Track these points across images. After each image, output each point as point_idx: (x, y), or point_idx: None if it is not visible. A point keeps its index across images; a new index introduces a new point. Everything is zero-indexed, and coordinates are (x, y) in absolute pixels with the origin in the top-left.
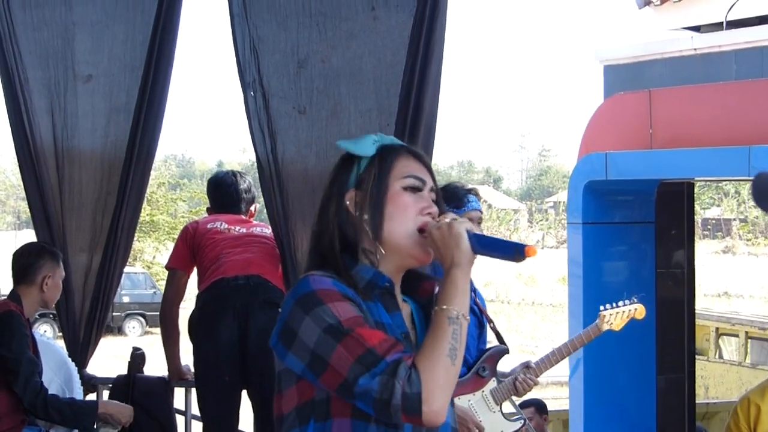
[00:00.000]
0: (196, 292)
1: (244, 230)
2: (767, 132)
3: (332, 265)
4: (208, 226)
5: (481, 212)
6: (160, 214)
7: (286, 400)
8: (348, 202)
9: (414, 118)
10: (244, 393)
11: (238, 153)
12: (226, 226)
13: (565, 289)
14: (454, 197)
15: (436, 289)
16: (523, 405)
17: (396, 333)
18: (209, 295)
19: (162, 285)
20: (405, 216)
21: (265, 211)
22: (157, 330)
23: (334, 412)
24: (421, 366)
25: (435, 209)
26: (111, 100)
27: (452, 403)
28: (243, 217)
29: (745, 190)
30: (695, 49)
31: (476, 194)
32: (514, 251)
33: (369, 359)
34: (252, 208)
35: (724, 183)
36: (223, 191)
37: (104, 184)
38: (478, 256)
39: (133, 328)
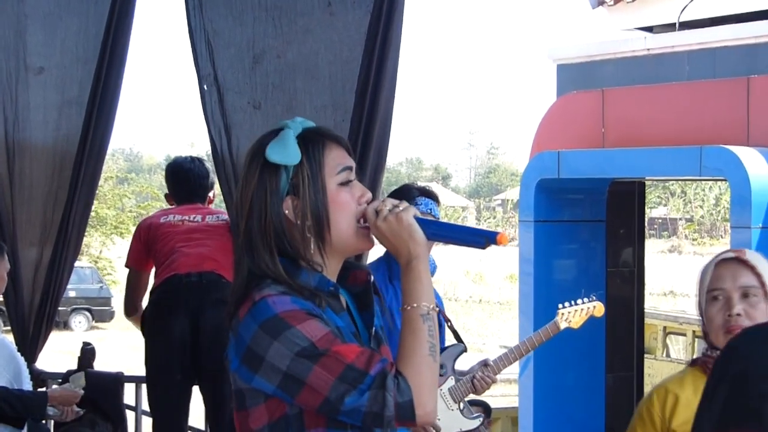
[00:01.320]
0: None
1: (199, 218)
2: (719, 132)
3: (275, 277)
4: (161, 220)
5: (433, 214)
6: (108, 209)
7: (255, 418)
8: (287, 211)
9: (369, 114)
10: (195, 388)
11: (187, 147)
12: (180, 218)
13: (513, 287)
14: (404, 198)
15: (371, 277)
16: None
17: (348, 334)
18: (162, 292)
19: (108, 279)
20: (348, 215)
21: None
22: (104, 325)
23: (308, 424)
24: (407, 372)
25: (369, 194)
26: (63, 93)
27: None
28: (199, 204)
29: (692, 189)
30: (648, 50)
31: (429, 195)
32: (483, 239)
33: (351, 376)
34: (210, 194)
35: (670, 183)
36: (182, 177)
37: (56, 178)
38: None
39: (79, 322)
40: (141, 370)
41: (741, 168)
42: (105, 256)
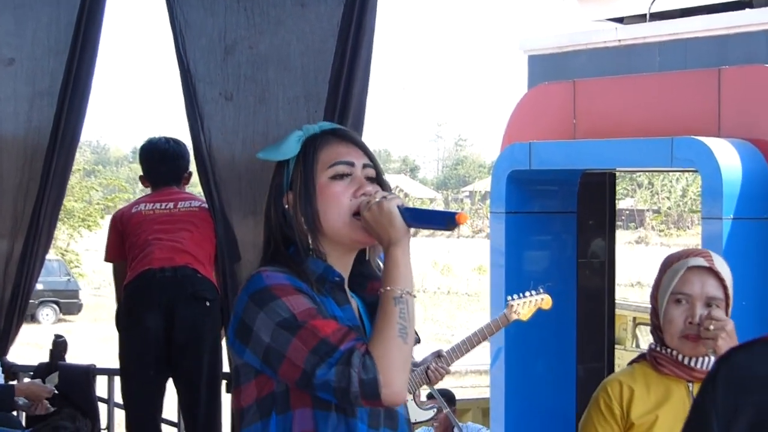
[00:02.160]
0: None
1: (171, 206)
2: (690, 123)
3: (283, 262)
4: (133, 210)
5: None
6: (75, 201)
7: (246, 395)
8: (287, 206)
9: (343, 106)
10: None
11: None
12: (151, 206)
13: (481, 278)
14: None
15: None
16: (432, 397)
17: (347, 325)
18: (136, 287)
19: (76, 272)
20: (338, 206)
21: None
22: (71, 317)
23: (294, 403)
24: (375, 351)
25: (369, 188)
26: (34, 85)
27: None
28: (174, 187)
29: (659, 181)
30: (619, 41)
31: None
32: (446, 221)
33: (323, 349)
34: (185, 174)
35: (637, 174)
36: (157, 158)
37: (27, 170)
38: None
39: (47, 315)
40: (110, 362)
41: (712, 159)
42: (72, 248)
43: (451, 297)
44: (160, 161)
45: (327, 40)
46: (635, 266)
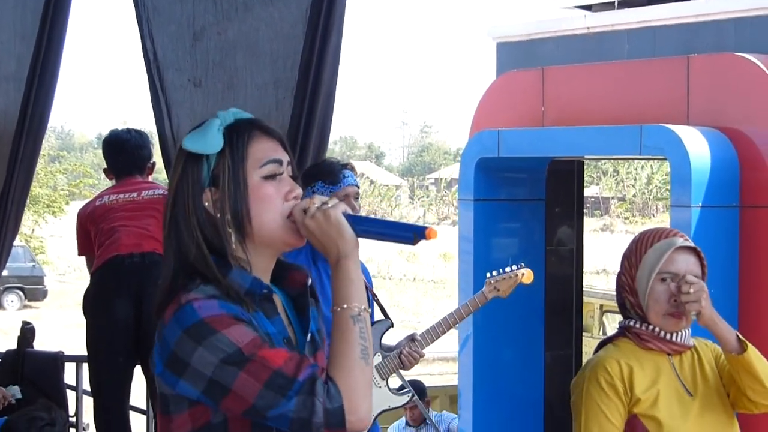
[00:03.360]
0: None
1: (134, 194)
2: (659, 111)
3: (206, 273)
4: (97, 203)
5: (358, 187)
6: (40, 187)
7: (177, 425)
8: (206, 204)
9: (313, 92)
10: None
11: (119, 125)
12: (114, 197)
13: (447, 265)
14: (329, 174)
15: (309, 279)
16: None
17: (279, 340)
18: (103, 273)
19: (41, 258)
20: (272, 208)
21: None
22: (36, 304)
23: (233, 431)
24: (337, 377)
25: (298, 190)
26: (0, 69)
27: None
28: (138, 177)
29: (624, 168)
30: (588, 28)
31: (352, 169)
32: (411, 234)
33: (278, 382)
34: (149, 164)
35: (602, 162)
36: (119, 149)
37: None
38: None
39: (12, 301)
40: (75, 349)
41: (681, 147)
42: (37, 235)
43: (417, 284)
44: (121, 152)
45: (296, 26)
46: (601, 254)
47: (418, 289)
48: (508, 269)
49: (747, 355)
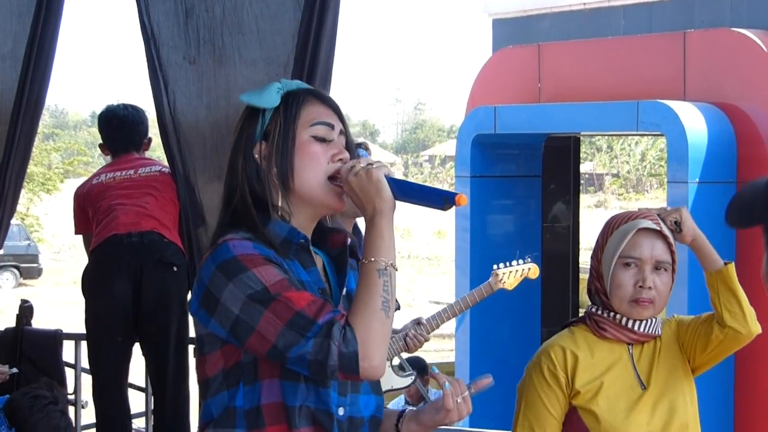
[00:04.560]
0: None
1: (131, 172)
2: (655, 86)
3: (246, 222)
4: (94, 182)
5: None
6: (35, 166)
7: (211, 364)
8: (256, 156)
9: (310, 69)
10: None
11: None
12: (111, 175)
13: (441, 242)
14: None
15: (348, 240)
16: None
17: (314, 289)
18: (102, 252)
19: (36, 236)
20: (315, 166)
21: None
22: (32, 282)
23: (262, 374)
24: (356, 323)
25: (346, 154)
26: None
27: None
28: (134, 153)
29: (618, 145)
30: (584, 4)
31: (366, 148)
32: (443, 199)
33: (300, 323)
34: (145, 140)
35: (596, 138)
36: (115, 124)
37: None
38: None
39: (7, 279)
40: (70, 327)
41: (678, 123)
42: (32, 213)
43: (412, 261)
44: (118, 128)
45: (284, 3)
46: (595, 230)
47: (412, 266)
48: (515, 263)
49: (729, 268)
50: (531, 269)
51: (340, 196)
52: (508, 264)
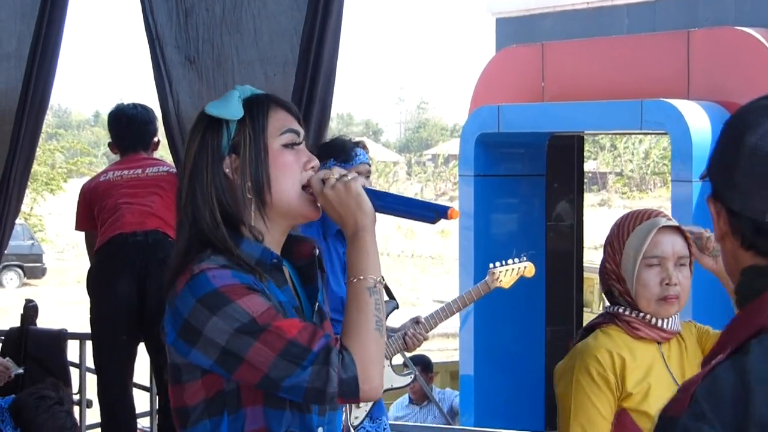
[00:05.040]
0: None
1: (139, 171)
2: (659, 85)
3: (217, 244)
4: (101, 179)
5: (370, 165)
6: (38, 165)
7: (190, 393)
8: (227, 170)
9: (314, 69)
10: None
11: (116, 103)
12: (119, 173)
13: (444, 242)
14: (342, 151)
15: (316, 250)
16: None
17: (290, 308)
18: (107, 252)
19: (39, 236)
20: (291, 176)
21: None
22: (35, 281)
23: (245, 401)
24: (352, 347)
25: (316, 162)
26: (1, 47)
27: None
28: (142, 153)
29: (621, 143)
30: (588, 3)
31: (364, 147)
32: (432, 212)
33: (294, 351)
34: (154, 139)
35: (600, 136)
36: (124, 123)
37: None
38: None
39: (11, 279)
40: (74, 326)
41: (682, 121)
42: (36, 212)
43: (415, 260)
44: (127, 126)
45: (281, 2)
46: (598, 229)
47: (416, 266)
48: (511, 261)
49: None
50: (527, 267)
51: (315, 204)
52: (504, 263)
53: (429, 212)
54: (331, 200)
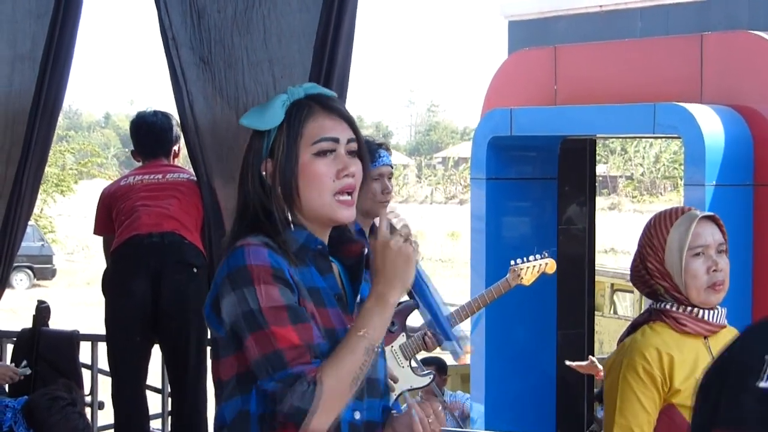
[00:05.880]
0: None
1: (159, 177)
2: (672, 89)
3: (263, 229)
4: (122, 183)
5: (392, 167)
6: (49, 167)
7: (226, 367)
8: (264, 173)
9: (327, 73)
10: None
11: (126, 104)
12: (139, 178)
13: (454, 244)
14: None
15: (365, 250)
16: (423, 364)
17: (329, 295)
18: (123, 253)
19: (50, 237)
20: (320, 186)
21: None
22: (45, 283)
23: None
24: (326, 380)
25: (352, 168)
26: (15, 48)
27: (384, 356)
28: (163, 161)
29: (632, 147)
30: (600, 6)
31: (387, 149)
32: (453, 340)
33: (274, 361)
34: (175, 147)
35: (610, 140)
36: (144, 130)
37: (9, 135)
38: None
39: (21, 280)
40: (85, 328)
41: (695, 125)
42: (46, 214)
43: (425, 263)
44: (147, 134)
45: (290, 3)
46: (609, 232)
47: (426, 268)
48: (532, 258)
49: None
50: (548, 264)
51: (348, 209)
52: (525, 259)
53: (449, 335)
54: (386, 254)
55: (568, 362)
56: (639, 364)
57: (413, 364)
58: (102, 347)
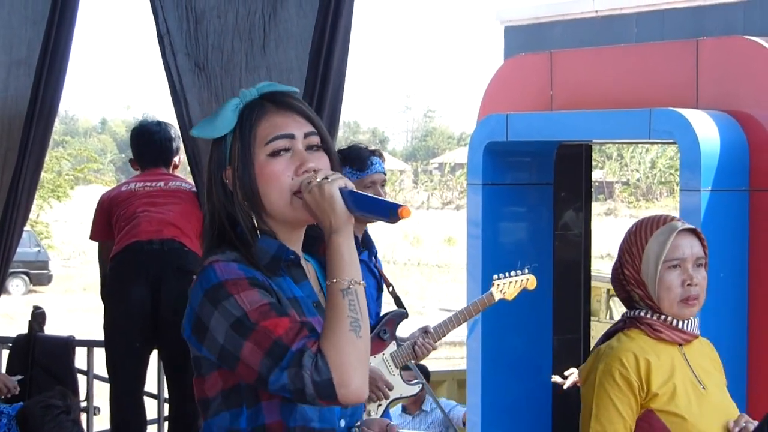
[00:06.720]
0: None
1: (161, 184)
2: (668, 94)
3: (231, 243)
4: (123, 189)
5: (385, 174)
6: (45, 172)
7: (209, 385)
8: (227, 182)
9: (323, 77)
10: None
11: (123, 110)
12: (141, 185)
13: (451, 250)
14: (357, 159)
15: None
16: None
17: (308, 304)
18: (123, 259)
19: (46, 243)
20: (278, 186)
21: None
22: (41, 288)
23: (262, 395)
24: (326, 349)
25: (311, 164)
26: (11, 53)
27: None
28: (163, 170)
29: (628, 153)
30: (596, 11)
31: (380, 155)
32: (388, 211)
33: (276, 351)
34: (176, 159)
35: (606, 146)
36: (145, 140)
37: (5, 140)
38: None
39: (17, 286)
40: (81, 333)
41: (690, 131)
42: (42, 219)
43: (422, 268)
44: (147, 143)
45: (288, 9)
46: (605, 238)
47: (422, 274)
48: (513, 273)
49: None
50: (529, 280)
51: (312, 208)
52: (507, 275)
53: (386, 211)
54: (309, 202)
55: (553, 378)
56: (615, 369)
57: (403, 373)
58: (98, 353)
